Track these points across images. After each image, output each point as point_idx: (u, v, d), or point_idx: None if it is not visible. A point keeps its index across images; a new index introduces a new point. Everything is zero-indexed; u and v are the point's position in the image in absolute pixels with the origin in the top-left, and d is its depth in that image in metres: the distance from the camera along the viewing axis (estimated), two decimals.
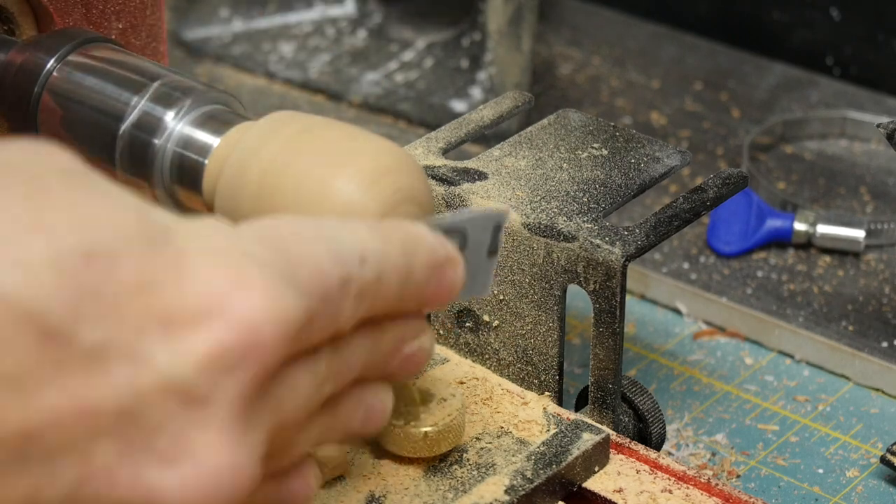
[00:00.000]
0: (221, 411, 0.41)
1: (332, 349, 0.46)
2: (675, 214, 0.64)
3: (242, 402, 0.42)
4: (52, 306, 0.39)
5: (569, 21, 1.12)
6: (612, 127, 0.69)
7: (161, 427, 0.41)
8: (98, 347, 0.40)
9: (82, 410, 0.40)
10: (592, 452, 0.61)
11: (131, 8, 0.70)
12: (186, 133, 0.60)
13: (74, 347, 0.39)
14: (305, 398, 0.45)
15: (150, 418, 0.41)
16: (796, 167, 0.95)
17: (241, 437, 0.42)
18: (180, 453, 0.41)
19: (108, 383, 0.40)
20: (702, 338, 0.82)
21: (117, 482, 0.40)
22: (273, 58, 1.05)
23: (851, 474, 0.72)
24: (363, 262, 0.46)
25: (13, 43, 0.66)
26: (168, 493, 0.41)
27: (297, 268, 0.44)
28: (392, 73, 1.03)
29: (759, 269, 0.86)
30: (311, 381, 0.45)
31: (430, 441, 0.59)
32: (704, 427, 0.75)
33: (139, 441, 0.41)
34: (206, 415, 0.41)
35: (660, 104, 1.01)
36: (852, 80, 1.04)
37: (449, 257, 0.49)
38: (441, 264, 0.49)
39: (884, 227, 0.87)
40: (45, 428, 0.39)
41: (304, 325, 0.43)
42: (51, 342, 0.39)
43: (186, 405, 0.41)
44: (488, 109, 0.71)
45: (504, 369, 0.66)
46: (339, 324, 0.46)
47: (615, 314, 0.62)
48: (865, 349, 0.79)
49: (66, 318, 0.39)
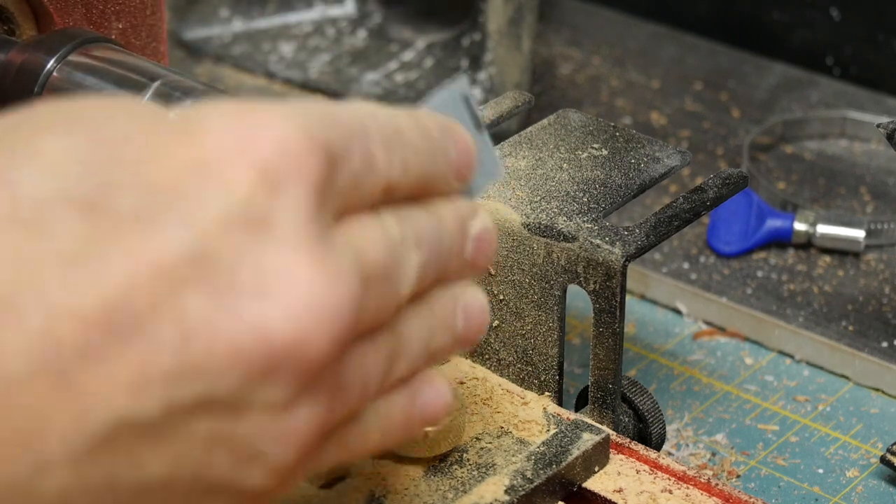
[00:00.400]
0: (288, 229, 0.41)
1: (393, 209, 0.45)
2: (675, 214, 0.64)
3: (306, 218, 0.41)
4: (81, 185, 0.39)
5: (569, 21, 1.12)
6: (612, 127, 0.69)
7: (237, 262, 0.40)
8: (143, 209, 0.39)
9: (152, 267, 0.39)
10: (592, 452, 0.61)
11: (131, 8, 0.70)
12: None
13: (120, 215, 0.39)
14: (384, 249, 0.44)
15: (222, 255, 0.40)
16: (796, 167, 0.95)
17: (322, 253, 0.41)
18: (269, 281, 0.40)
19: (165, 236, 0.39)
20: (702, 338, 0.82)
21: (220, 328, 0.39)
22: (273, 58, 1.05)
23: (851, 474, 0.72)
24: (374, 116, 0.45)
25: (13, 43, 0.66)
26: (275, 321, 0.40)
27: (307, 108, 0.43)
28: (392, 73, 1.03)
29: (759, 269, 0.86)
30: (382, 231, 0.44)
31: (430, 441, 0.59)
32: (704, 427, 0.75)
33: (223, 281, 0.40)
34: (275, 237, 0.40)
35: (660, 104, 1.01)
36: (852, 80, 1.04)
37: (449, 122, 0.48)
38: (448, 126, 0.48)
39: (884, 227, 0.87)
40: (125, 295, 0.38)
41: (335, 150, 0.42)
42: (95, 215, 0.39)
43: (251, 231, 0.40)
44: (488, 109, 0.71)
45: (504, 369, 0.66)
46: (379, 170, 0.44)
47: (615, 314, 0.62)
48: (865, 349, 0.79)
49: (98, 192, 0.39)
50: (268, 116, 0.42)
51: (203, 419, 0.40)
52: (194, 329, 0.39)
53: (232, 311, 0.40)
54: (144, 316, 0.39)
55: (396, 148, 0.45)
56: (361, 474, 0.59)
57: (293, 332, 0.40)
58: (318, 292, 0.41)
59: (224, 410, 0.40)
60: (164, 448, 0.40)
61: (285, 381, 0.41)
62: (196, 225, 0.40)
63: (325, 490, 0.58)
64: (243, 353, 0.40)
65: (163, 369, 0.39)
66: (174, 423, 0.40)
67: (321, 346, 0.41)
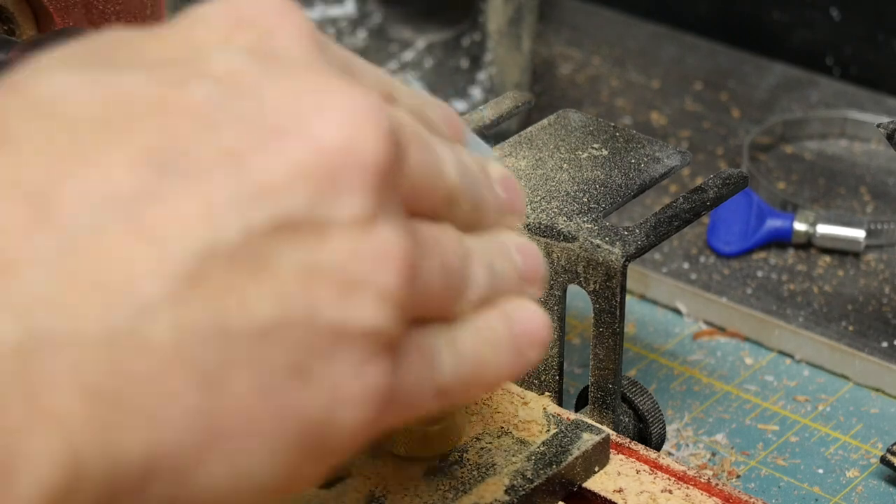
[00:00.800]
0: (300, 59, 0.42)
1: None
2: (675, 214, 0.64)
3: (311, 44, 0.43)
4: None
5: (569, 21, 1.12)
6: (612, 127, 0.69)
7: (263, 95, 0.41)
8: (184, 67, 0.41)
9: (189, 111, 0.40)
10: (592, 452, 0.61)
11: (131, 8, 0.70)
12: None
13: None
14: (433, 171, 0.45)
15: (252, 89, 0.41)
16: (796, 167, 0.95)
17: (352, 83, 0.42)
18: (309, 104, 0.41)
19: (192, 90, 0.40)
20: (702, 338, 0.82)
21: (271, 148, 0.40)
22: None
23: (851, 474, 0.72)
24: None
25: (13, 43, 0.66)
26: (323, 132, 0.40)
27: None
28: (392, 73, 1.03)
29: (759, 269, 0.86)
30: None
31: (430, 441, 0.59)
32: (704, 427, 0.75)
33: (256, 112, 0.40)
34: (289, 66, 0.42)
35: (660, 104, 1.01)
36: (852, 80, 1.04)
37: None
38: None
39: (884, 227, 0.87)
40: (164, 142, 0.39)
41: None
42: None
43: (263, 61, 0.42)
44: (488, 109, 0.71)
45: None
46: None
47: (615, 314, 0.62)
48: (865, 349, 0.79)
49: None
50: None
51: (288, 246, 0.39)
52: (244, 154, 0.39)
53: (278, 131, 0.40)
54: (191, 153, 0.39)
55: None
56: (361, 474, 0.59)
57: (342, 137, 0.40)
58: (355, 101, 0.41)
59: (305, 233, 0.40)
60: (262, 283, 0.39)
61: (353, 189, 0.40)
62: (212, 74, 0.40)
63: (324, 490, 0.58)
64: (300, 165, 0.40)
65: (227, 195, 0.39)
66: (260, 252, 0.39)
67: (375, 146, 0.41)
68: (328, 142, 0.40)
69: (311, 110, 0.40)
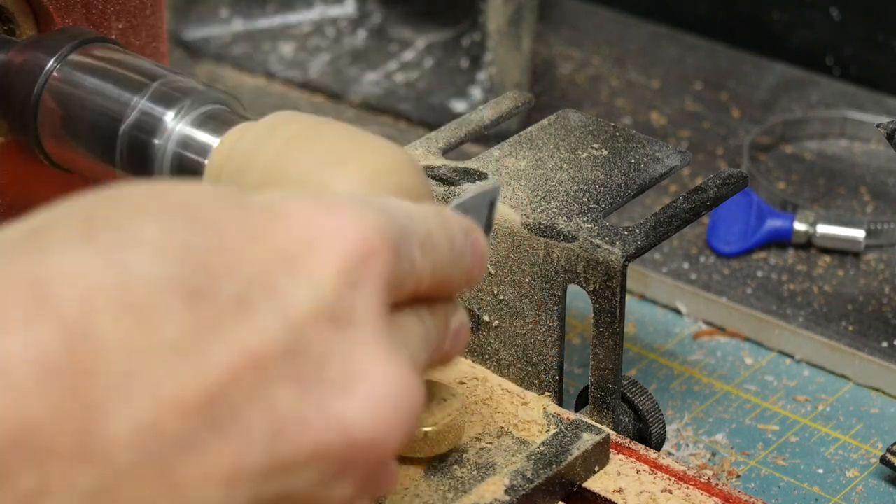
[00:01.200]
0: (368, 326, 0.42)
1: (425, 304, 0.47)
2: (675, 214, 0.64)
3: (380, 313, 0.42)
4: (185, 270, 0.40)
5: (569, 21, 1.12)
6: (612, 127, 0.69)
7: (326, 356, 0.41)
8: (241, 296, 0.40)
9: (252, 357, 0.39)
10: (592, 452, 0.61)
11: (131, 8, 0.70)
12: (186, 133, 0.60)
13: (221, 302, 0.40)
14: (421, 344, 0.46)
15: (312, 349, 0.41)
16: (796, 167, 0.95)
17: (394, 350, 0.42)
18: (353, 376, 0.41)
19: (264, 327, 0.40)
20: (702, 338, 0.82)
21: (308, 423, 0.40)
22: (273, 58, 1.05)
23: (851, 474, 0.72)
24: (410, 217, 0.46)
25: (13, 43, 0.66)
26: (358, 419, 0.41)
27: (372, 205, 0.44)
28: (392, 73, 1.03)
29: (759, 269, 0.86)
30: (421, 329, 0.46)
31: (430, 441, 0.59)
32: (704, 427, 0.75)
33: (312, 375, 0.41)
34: (357, 334, 0.42)
35: (660, 104, 1.01)
36: (852, 80, 1.04)
37: (472, 226, 0.49)
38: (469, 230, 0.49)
39: (884, 227, 0.87)
40: (225, 384, 0.39)
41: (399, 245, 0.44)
42: (198, 303, 0.39)
43: (337, 326, 0.41)
44: (488, 109, 0.71)
45: (504, 369, 0.66)
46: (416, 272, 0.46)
47: (615, 314, 0.62)
48: (865, 349, 0.79)
49: (201, 277, 0.40)
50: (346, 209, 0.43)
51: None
52: (284, 422, 0.40)
53: (319, 405, 0.41)
54: (240, 407, 0.39)
55: (428, 252, 0.46)
56: None
57: (374, 430, 0.42)
58: (397, 390, 0.42)
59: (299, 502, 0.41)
60: None
61: (356, 476, 0.42)
62: (291, 316, 0.41)
63: None
64: (326, 448, 0.41)
65: (255, 465, 0.40)
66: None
67: (395, 444, 0.42)
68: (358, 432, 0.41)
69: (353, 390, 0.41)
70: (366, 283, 0.42)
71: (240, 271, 0.41)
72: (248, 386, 0.39)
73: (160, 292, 0.39)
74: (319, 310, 0.41)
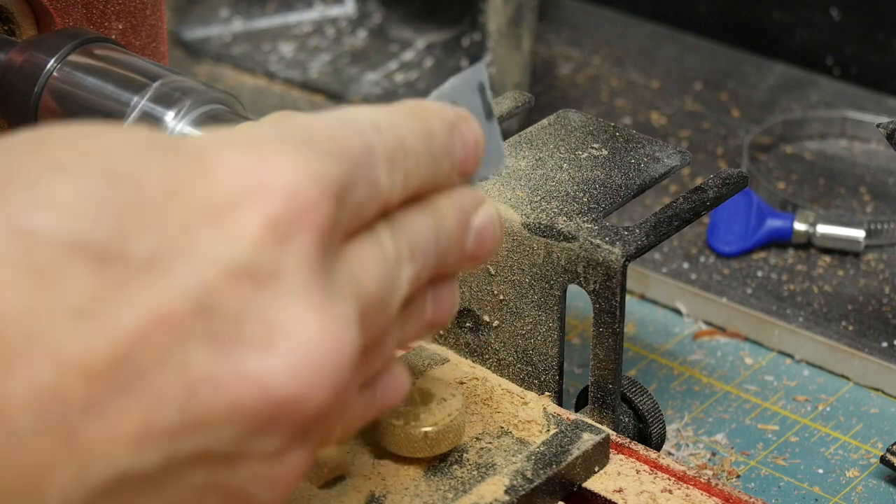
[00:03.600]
0: (295, 281, 0.41)
1: (388, 223, 0.46)
2: (675, 214, 0.64)
3: (312, 268, 0.41)
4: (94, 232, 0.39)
5: (569, 21, 1.12)
6: (612, 127, 0.69)
7: (243, 314, 0.40)
8: (154, 256, 0.39)
9: (160, 318, 0.39)
10: (592, 452, 0.61)
11: (131, 8, 0.70)
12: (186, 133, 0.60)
13: (131, 262, 0.39)
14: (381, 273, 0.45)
15: (228, 308, 0.40)
16: (796, 167, 0.95)
17: (327, 304, 0.41)
18: (273, 334, 0.40)
19: (175, 285, 0.39)
20: (702, 338, 0.82)
21: (223, 382, 0.40)
22: (273, 58, 1.05)
23: (851, 474, 0.72)
24: (379, 130, 0.45)
25: (13, 43, 0.66)
26: (278, 377, 0.40)
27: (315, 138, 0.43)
28: (392, 73, 1.03)
29: (759, 269, 0.86)
30: (380, 254, 0.45)
31: (429, 441, 0.59)
32: (704, 427, 0.75)
33: (228, 334, 0.40)
34: (282, 290, 0.41)
35: (660, 104, 1.01)
36: (852, 80, 1.04)
37: (459, 114, 0.48)
38: (455, 122, 0.48)
39: (884, 227, 0.87)
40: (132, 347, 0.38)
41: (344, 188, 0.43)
42: (106, 265, 0.39)
43: (258, 285, 0.40)
44: None
45: (504, 369, 0.66)
46: (380, 193, 0.45)
47: (615, 314, 0.62)
48: (865, 349, 0.79)
49: (111, 238, 0.39)
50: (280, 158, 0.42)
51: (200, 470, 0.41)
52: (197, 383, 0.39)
53: (235, 364, 0.40)
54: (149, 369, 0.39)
55: (399, 164, 0.45)
56: (361, 474, 0.59)
57: (295, 387, 0.41)
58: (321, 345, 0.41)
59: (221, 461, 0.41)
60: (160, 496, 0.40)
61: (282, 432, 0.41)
62: (205, 275, 0.40)
63: (324, 490, 0.58)
64: (245, 407, 0.40)
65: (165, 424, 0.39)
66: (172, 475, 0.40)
67: (321, 400, 0.41)
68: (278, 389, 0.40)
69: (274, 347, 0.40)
70: (296, 237, 0.41)
71: (156, 229, 0.40)
72: (157, 347, 0.39)
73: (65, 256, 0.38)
74: (238, 267, 0.40)
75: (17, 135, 0.41)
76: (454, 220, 0.48)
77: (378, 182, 0.44)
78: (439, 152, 0.47)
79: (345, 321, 0.42)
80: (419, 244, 0.46)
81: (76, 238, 0.39)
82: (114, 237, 0.39)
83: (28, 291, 0.38)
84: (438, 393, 0.60)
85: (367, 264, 0.44)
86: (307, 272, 0.41)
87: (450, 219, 0.47)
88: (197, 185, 0.41)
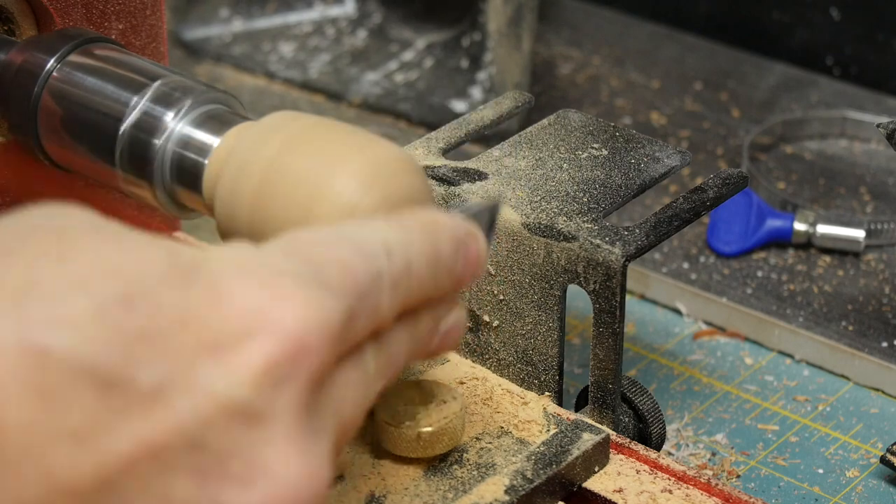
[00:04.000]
0: (283, 424, 0.42)
1: (376, 343, 0.47)
2: (675, 214, 0.64)
3: (300, 410, 0.42)
4: (105, 357, 0.40)
5: (569, 21, 1.12)
6: (612, 127, 0.69)
7: (231, 451, 0.41)
8: (157, 386, 0.40)
9: (152, 450, 0.40)
10: (592, 452, 0.61)
11: (131, 8, 0.70)
12: (186, 133, 0.60)
13: (134, 392, 0.40)
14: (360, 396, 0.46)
15: (218, 444, 0.41)
16: (796, 167, 0.95)
17: (308, 445, 0.43)
18: (255, 473, 0.41)
19: (172, 419, 0.40)
20: (702, 338, 0.82)
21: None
22: (273, 58, 1.05)
23: (851, 474, 0.72)
24: (390, 254, 0.46)
25: (13, 43, 0.66)
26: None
27: (327, 271, 0.44)
28: (392, 73, 1.03)
29: (759, 269, 0.86)
30: (363, 376, 0.46)
31: (423, 442, 0.59)
32: (704, 427, 0.75)
33: (213, 469, 0.41)
34: (270, 431, 0.42)
35: (660, 104, 1.01)
36: (852, 80, 1.04)
37: (468, 231, 0.50)
38: (463, 239, 0.49)
39: (884, 227, 0.87)
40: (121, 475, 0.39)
41: (347, 324, 0.44)
42: (110, 391, 0.40)
43: (249, 424, 0.41)
44: (488, 109, 0.71)
45: (504, 369, 0.66)
46: (380, 318, 0.46)
47: (615, 314, 0.62)
48: (865, 349, 0.79)
49: (120, 365, 0.40)
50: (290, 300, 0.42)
51: None
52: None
53: (215, 497, 0.41)
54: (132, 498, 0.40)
55: (402, 289, 0.47)
56: (361, 474, 0.59)
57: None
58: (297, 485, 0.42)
59: None
60: None
61: None
62: (202, 411, 0.41)
63: None
64: None
65: None
66: None
67: None
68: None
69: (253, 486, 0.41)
70: (290, 382, 0.42)
71: (163, 359, 0.41)
72: (143, 476, 0.40)
73: (73, 379, 0.39)
74: (233, 406, 0.41)
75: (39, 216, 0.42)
76: (427, 330, 0.49)
77: (380, 308, 0.46)
78: (443, 273, 0.48)
79: (322, 459, 0.43)
80: (394, 357, 0.48)
81: (87, 362, 0.40)
82: (122, 365, 0.40)
83: (31, 408, 0.39)
84: (439, 395, 0.60)
85: (350, 389, 0.45)
86: (296, 415, 0.42)
87: (424, 329, 0.49)
88: (208, 316, 0.42)
